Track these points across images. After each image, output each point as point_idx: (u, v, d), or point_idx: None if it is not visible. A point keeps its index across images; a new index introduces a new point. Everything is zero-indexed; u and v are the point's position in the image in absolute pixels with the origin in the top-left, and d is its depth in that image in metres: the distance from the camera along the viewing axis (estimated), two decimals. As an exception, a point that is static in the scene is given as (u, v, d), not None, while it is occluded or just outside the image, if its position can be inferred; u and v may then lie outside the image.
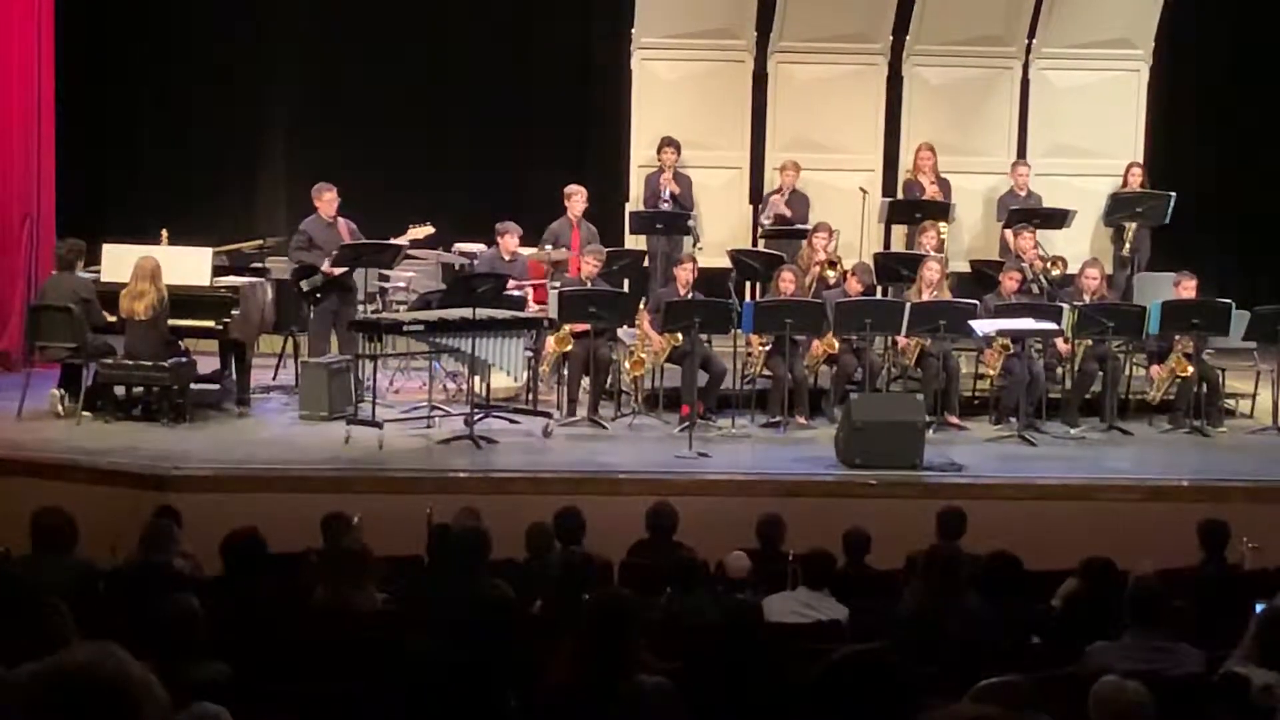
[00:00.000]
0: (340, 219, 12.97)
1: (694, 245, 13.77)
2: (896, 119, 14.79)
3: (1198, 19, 15.48)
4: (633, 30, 14.49)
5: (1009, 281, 12.72)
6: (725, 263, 13.55)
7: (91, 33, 14.99)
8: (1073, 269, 13.28)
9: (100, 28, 15.31)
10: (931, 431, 11.63)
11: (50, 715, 2.37)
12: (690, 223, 13.82)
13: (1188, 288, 12.68)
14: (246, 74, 16.00)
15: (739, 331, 12.36)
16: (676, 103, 14.50)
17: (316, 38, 15.95)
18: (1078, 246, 14.12)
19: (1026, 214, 13.75)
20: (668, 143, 14.08)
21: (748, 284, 13.76)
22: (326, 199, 12.95)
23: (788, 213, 14.04)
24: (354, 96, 15.85)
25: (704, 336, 12.19)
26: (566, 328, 12.22)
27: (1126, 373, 12.93)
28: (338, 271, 12.66)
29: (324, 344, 12.83)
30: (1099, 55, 14.79)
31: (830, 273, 13.16)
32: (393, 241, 12.81)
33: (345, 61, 15.85)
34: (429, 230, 13.00)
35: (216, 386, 12.37)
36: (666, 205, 13.91)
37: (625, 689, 4.90)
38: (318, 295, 12.80)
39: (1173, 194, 14.01)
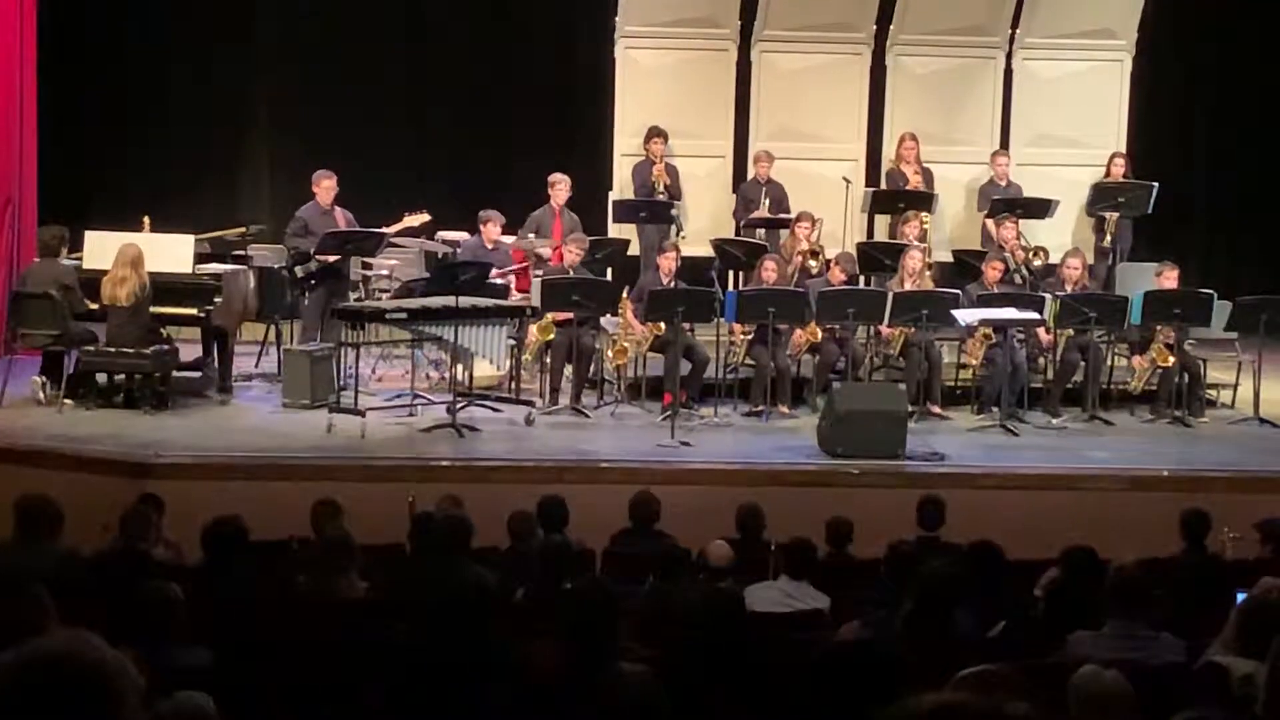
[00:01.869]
0: (337, 208, 12.92)
1: (677, 234, 13.75)
2: (880, 108, 14.79)
3: (1181, 9, 15.51)
4: (616, 19, 14.47)
5: (991, 271, 12.73)
6: (708, 251, 13.54)
7: (74, 18, 14.92)
8: (1054, 259, 13.31)
9: (83, 12, 15.24)
10: (914, 421, 11.64)
11: (24, 702, 2.36)
12: (673, 212, 13.80)
13: (1169, 278, 12.72)
14: (230, 61, 15.94)
15: (722, 320, 12.37)
16: (660, 92, 14.49)
17: (300, 25, 15.90)
18: (1060, 236, 14.14)
19: (1009, 204, 13.76)
20: (656, 133, 14.05)
21: (730, 273, 13.75)
22: (325, 186, 12.90)
23: (766, 214, 14.03)
24: (337, 84, 15.81)
25: (687, 325, 12.19)
26: (549, 316, 12.21)
27: (1108, 363, 12.96)
28: (333, 258, 12.62)
29: (316, 332, 12.80)
30: (1082, 45, 14.79)
31: (813, 262, 13.16)
32: (383, 230, 12.78)
33: (329, 49, 15.79)
34: (425, 218, 12.97)
35: (199, 374, 12.35)
36: (662, 196, 13.88)
37: (606, 677, 4.90)
38: (311, 281, 12.76)
39: (1155, 184, 14.02)
